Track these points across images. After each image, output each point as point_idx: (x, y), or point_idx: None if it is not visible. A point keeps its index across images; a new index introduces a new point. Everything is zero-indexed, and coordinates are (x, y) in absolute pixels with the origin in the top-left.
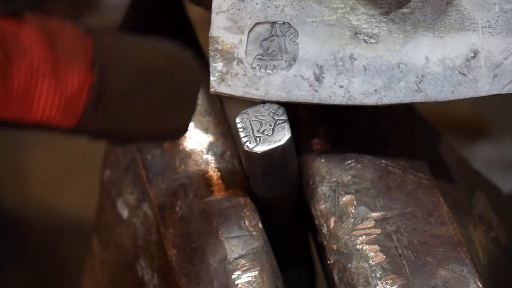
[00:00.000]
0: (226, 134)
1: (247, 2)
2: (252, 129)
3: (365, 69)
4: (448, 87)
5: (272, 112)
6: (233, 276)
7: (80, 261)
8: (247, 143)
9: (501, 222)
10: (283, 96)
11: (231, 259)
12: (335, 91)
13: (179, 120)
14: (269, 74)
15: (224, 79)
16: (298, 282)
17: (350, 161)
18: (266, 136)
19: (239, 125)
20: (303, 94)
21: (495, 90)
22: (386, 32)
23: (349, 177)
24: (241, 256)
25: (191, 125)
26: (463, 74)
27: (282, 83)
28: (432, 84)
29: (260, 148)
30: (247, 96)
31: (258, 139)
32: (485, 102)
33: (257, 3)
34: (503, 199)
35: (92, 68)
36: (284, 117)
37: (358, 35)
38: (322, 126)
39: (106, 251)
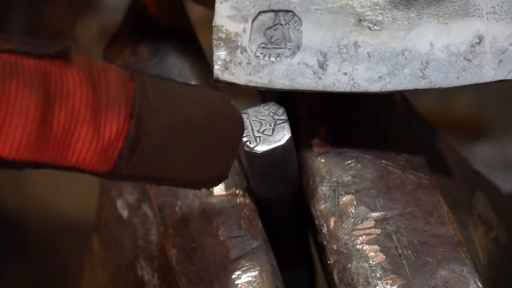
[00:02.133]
0: None
1: None
2: (252, 129)
3: (369, 56)
4: (453, 73)
5: (272, 112)
6: (233, 276)
7: (80, 261)
8: (247, 143)
9: (501, 222)
10: (287, 84)
11: (231, 259)
12: (339, 78)
13: (218, 169)
14: (273, 62)
15: (227, 68)
16: (298, 282)
17: (350, 161)
18: (266, 136)
19: None
20: (307, 81)
21: (501, 76)
22: (390, 19)
23: (349, 177)
24: (241, 256)
25: None
26: (468, 60)
27: (285, 71)
28: (437, 70)
29: (260, 148)
30: (250, 84)
31: (258, 139)
32: (485, 102)
33: None
34: (503, 199)
35: (131, 117)
36: (284, 117)
37: (362, 22)
38: (322, 126)
39: (106, 251)
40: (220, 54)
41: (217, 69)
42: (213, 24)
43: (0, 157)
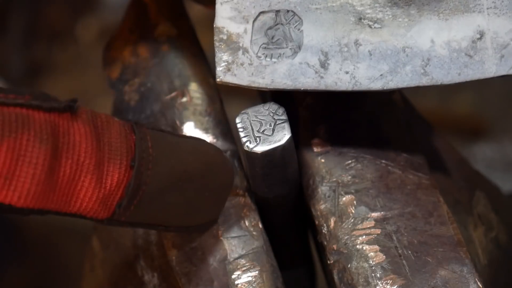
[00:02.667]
0: (226, 134)
1: None
2: (252, 129)
3: (371, 54)
4: (454, 69)
5: (272, 112)
6: (233, 276)
7: (80, 261)
8: (247, 143)
9: (501, 222)
10: (289, 84)
11: (231, 259)
12: (341, 77)
13: (209, 215)
14: (275, 62)
15: (230, 69)
16: (298, 282)
17: (350, 161)
18: (266, 136)
19: (239, 125)
20: (309, 81)
21: (502, 71)
22: (390, 16)
23: (349, 177)
24: (241, 256)
25: (191, 125)
26: (469, 56)
27: (287, 71)
28: (438, 67)
29: (260, 148)
30: (253, 85)
31: (258, 139)
32: (485, 102)
33: None
34: (503, 199)
35: (132, 167)
36: (284, 117)
37: (363, 20)
38: (322, 126)
39: (106, 251)
40: (222, 56)
41: (219, 70)
42: (214, 25)
43: (9, 204)
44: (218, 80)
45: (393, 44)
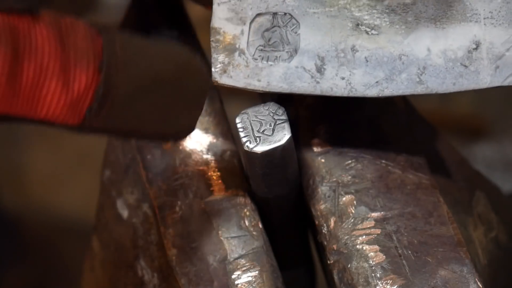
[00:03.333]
0: (226, 134)
1: None
2: (252, 129)
3: (367, 61)
4: (449, 79)
5: (272, 112)
6: (233, 276)
7: (80, 261)
8: (247, 143)
9: (501, 222)
10: (285, 88)
11: (231, 259)
12: (337, 83)
13: (185, 122)
14: (271, 65)
15: (226, 71)
16: (298, 282)
17: (350, 161)
18: (266, 136)
19: (239, 125)
20: (304, 85)
21: (497, 82)
22: (387, 23)
23: (349, 177)
24: (241, 256)
25: None
26: (465, 66)
27: (283, 74)
28: (434, 76)
29: (260, 148)
30: (249, 87)
31: (258, 139)
32: (485, 102)
33: None
34: (503, 199)
35: (100, 70)
36: (284, 117)
37: (360, 26)
38: (322, 126)
39: (106, 251)
40: (218, 57)
41: (215, 72)
42: (211, 26)
43: None
44: (214, 81)
45: (390, 51)
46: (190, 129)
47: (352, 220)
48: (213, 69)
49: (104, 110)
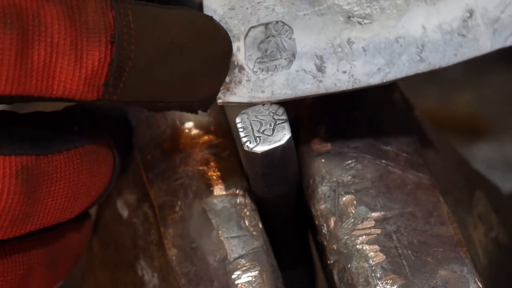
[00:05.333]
0: (226, 134)
1: (237, 9)
2: (252, 129)
3: (365, 50)
4: (450, 51)
5: (272, 112)
6: (233, 276)
7: (80, 261)
8: (247, 143)
9: (501, 222)
10: (289, 93)
11: (231, 259)
12: (339, 78)
13: (210, 88)
14: (272, 74)
15: (229, 89)
16: (298, 282)
17: (350, 161)
18: (266, 136)
19: (239, 125)
20: (308, 87)
21: (498, 44)
22: (378, 10)
23: (349, 177)
24: (241, 256)
25: (191, 125)
26: (463, 35)
27: (286, 81)
28: (434, 51)
29: (260, 148)
30: (254, 100)
31: (258, 139)
32: (485, 102)
33: (247, 8)
34: (503, 199)
35: (112, 43)
36: (284, 117)
37: (352, 19)
38: (322, 126)
39: (106, 251)
40: None
41: (219, 92)
42: None
43: None
44: (219, 102)
45: (386, 36)
46: (214, 96)
47: (352, 220)
48: None
49: (122, 83)
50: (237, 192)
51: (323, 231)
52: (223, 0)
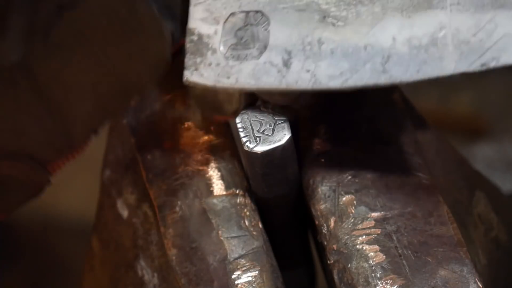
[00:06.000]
0: (226, 134)
1: None
2: (252, 129)
3: (332, 53)
4: (413, 66)
5: (272, 112)
6: (233, 276)
7: (80, 261)
8: (247, 143)
9: (501, 222)
10: (252, 84)
11: (231, 259)
12: (302, 76)
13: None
14: (241, 63)
15: (197, 69)
16: (298, 282)
17: (350, 161)
18: (266, 136)
19: (239, 125)
20: (270, 80)
21: (462, 68)
22: (354, 14)
23: (349, 177)
24: (241, 256)
25: (191, 125)
26: (429, 52)
27: (252, 71)
28: (398, 65)
29: (260, 148)
30: (218, 85)
31: (258, 139)
32: (485, 102)
33: None
34: (503, 199)
35: None
36: (284, 117)
37: (326, 19)
38: (322, 126)
39: (106, 251)
40: (191, 57)
41: (187, 70)
42: (187, 27)
43: None
44: (184, 80)
45: (355, 42)
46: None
47: (352, 220)
48: (185, 69)
49: None
50: (237, 192)
51: (323, 231)
52: None
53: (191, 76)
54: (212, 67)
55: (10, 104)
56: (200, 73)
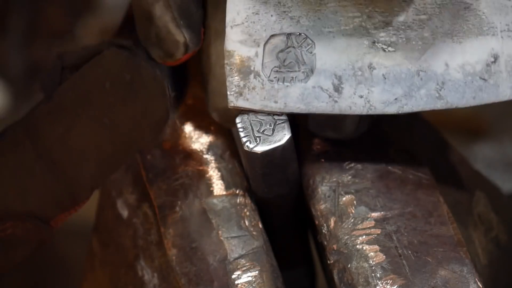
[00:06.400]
0: (226, 134)
1: (261, 14)
2: (252, 129)
3: (385, 78)
4: (469, 93)
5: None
6: (233, 276)
7: (80, 261)
8: (247, 143)
9: (501, 222)
10: (303, 108)
11: (231, 259)
12: (355, 101)
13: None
14: (287, 86)
15: (242, 93)
16: (298, 282)
17: (350, 161)
18: (266, 136)
19: (239, 125)
20: (322, 105)
21: None
22: (404, 39)
23: (349, 177)
24: (241, 256)
25: (191, 125)
26: (484, 79)
27: (300, 95)
28: (453, 91)
29: (260, 148)
30: (265, 109)
31: (258, 139)
32: None
33: (272, 15)
34: (503, 199)
35: None
36: (284, 117)
37: (376, 44)
38: None
39: (106, 251)
40: (233, 80)
41: (231, 95)
42: (225, 49)
43: None
44: (230, 105)
45: (407, 67)
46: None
47: (352, 220)
48: (228, 92)
49: None
50: (237, 192)
51: (323, 231)
52: (248, 3)
53: (236, 101)
54: (257, 90)
55: (14, 163)
56: (245, 97)
